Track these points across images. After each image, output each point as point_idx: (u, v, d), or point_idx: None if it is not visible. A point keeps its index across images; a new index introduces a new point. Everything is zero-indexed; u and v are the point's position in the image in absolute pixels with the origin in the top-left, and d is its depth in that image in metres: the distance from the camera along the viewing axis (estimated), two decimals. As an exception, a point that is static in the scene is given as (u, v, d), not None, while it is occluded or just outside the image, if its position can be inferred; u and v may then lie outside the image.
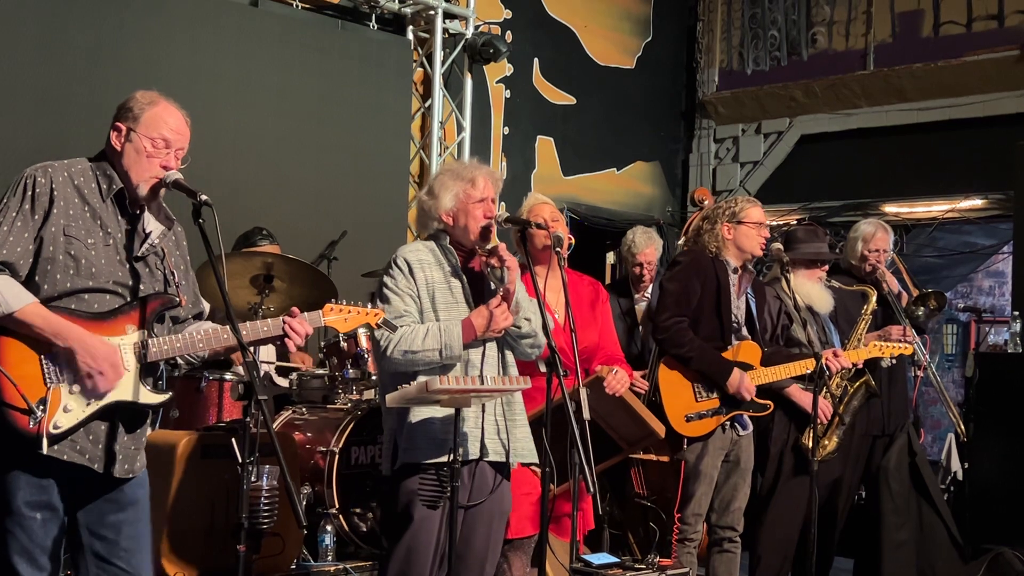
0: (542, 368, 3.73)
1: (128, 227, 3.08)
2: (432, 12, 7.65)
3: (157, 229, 3.12)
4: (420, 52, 7.84)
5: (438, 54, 7.73)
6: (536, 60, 8.65)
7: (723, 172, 9.64)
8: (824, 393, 5.07)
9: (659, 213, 9.51)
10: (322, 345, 5.51)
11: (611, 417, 4.46)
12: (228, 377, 4.98)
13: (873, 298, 5.46)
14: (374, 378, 5.29)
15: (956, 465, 7.07)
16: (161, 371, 3.16)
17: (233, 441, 3.26)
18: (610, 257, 9.49)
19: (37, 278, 2.93)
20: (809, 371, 4.83)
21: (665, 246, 6.36)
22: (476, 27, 7.94)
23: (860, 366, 5.28)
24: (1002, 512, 5.44)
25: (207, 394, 4.94)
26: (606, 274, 9.31)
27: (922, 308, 5.85)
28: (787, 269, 5.11)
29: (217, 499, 4.38)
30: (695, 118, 9.84)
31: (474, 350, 3.69)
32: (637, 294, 6.11)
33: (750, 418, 4.93)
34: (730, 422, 4.84)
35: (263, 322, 3.16)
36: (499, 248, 3.68)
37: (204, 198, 3.01)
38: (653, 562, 4.20)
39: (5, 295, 2.84)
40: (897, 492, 5.51)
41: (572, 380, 3.70)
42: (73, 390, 2.91)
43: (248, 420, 3.29)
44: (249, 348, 3.01)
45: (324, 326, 3.27)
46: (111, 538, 3.04)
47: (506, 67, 8.37)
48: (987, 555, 5.20)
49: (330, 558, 4.84)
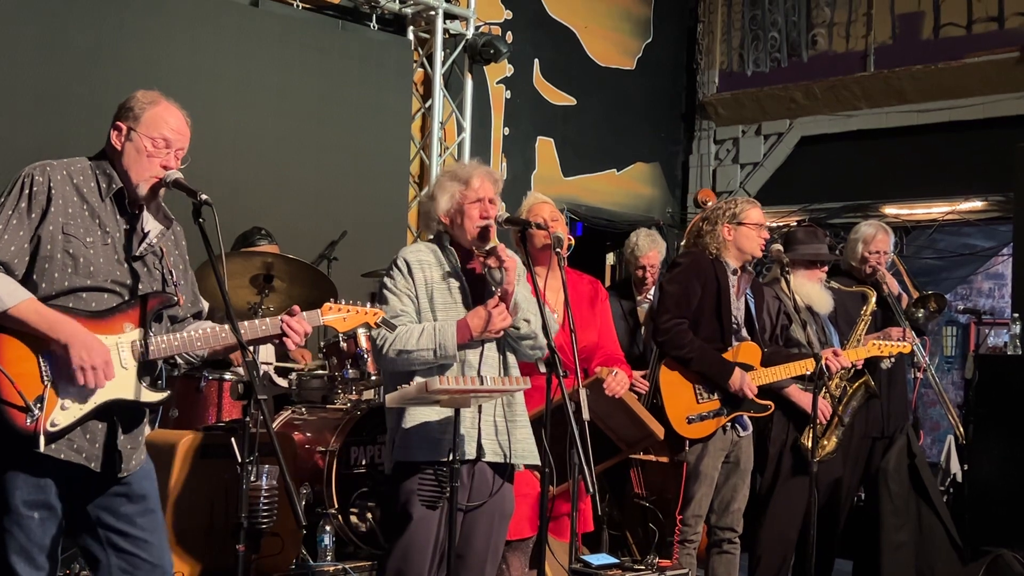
0: (542, 369, 3.73)
1: (127, 226, 3.07)
2: (432, 12, 7.65)
3: (156, 228, 3.12)
4: (420, 52, 7.84)
5: (438, 54, 7.73)
6: (536, 61, 8.65)
7: (723, 173, 9.64)
8: (824, 393, 5.08)
9: (659, 214, 9.51)
10: (322, 345, 5.51)
11: (610, 418, 4.45)
12: (227, 377, 4.98)
13: (873, 299, 5.46)
14: (374, 378, 5.29)
15: (955, 467, 7.07)
16: (160, 370, 3.15)
17: (233, 441, 3.26)
18: (610, 258, 9.50)
19: (35, 277, 2.93)
20: (809, 371, 4.83)
21: (666, 247, 6.35)
22: (476, 27, 7.94)
23: (860, 366, 5.28)
24: (1001, 514, 5.43)
25: (206, 394, 4.95)
26: (606, 275, 9.32)
27: (922, 310, 5.85)
28: (787, 270, 5.10)
29: (216, 499, 4.39)
30: (695, 119, 9.84)
31: (472, 351, 3.69)
32: (639, 296, 6.10)
33: (751, 419, 4.93)
34: (731, 423, 4.84)
35: (262, 321, 3.16)
36: (497, 248, 3.68)
37: (204, 197, 3.02)
38: (652, 563, 4.20)
39: (0, 292, 2.84)
40: (896, 494, 5.51)
41: (572, 380, 3.70)
42: (70, 388, 2.90)
43: (248, 420, 3.29)
44: (248, 347, 3.01)
45: (323, 326, 3.27)
46: (127, 531, 3.04)
47: (506, 68, 8.37)
48: (986, 557, 5.19)
49: (329, 558, 4.84)
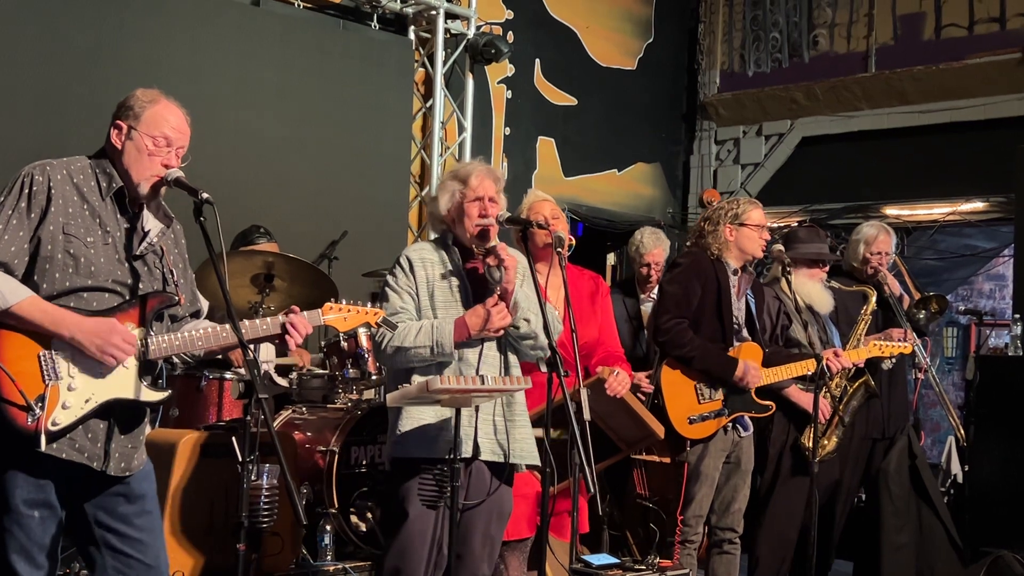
0: (543, 368, 3.73)
1: (127, 225, 3.07)
2: (434, 12, 7.65)
3: (156, 227, 3.12)
4: (421, 52, 7.84)
5: (439, 54, 7.72)
6: (537, 61, 8.65)
7: (724, 174, 9.64)
8: (824, 393, 5.07)
9: (660, 214, 9.50)
10: (322, 345, 5.51)
11: (611, 418, 4.45)
12: (228, 376, 4.98)
13: (873, 299, 5.45)
14: (374, 378, 5.29)
15: (956, 468, 7.07)
16: (160, 369, 3.15)
17: (233, 440, 3.26)
18: (611, 258, 9.49)
19: (36, 277, 2.92)
20: (810, 372, 4.83)
21: (670, 246, 6.35)
22: (478, 27, 7.94)
23: (861, 366, 5.28)
24: (1002, 515, 5.43)
25: (207, 393, 4.94)
26: (607, 275, 9.31)
27: (923, 311, 5.85)
28: (788, 270, 5.10)
29: (217, 498, 4.38)
30: (696, 120, 9.83)
31: (471, 349, 3.70)
32: (643, 295, 6.08)
33: (751, 419, 4.92)
34: (732, 423, 4.83)
35: (262, 320, 3.16)
36: (496, 248, 3.69)
37: (205, 196, 3.01)
38: (653, 563, 4.20)
39: (2, 290, 2.83)
40: (897, 495, 5.50)
41: (573, 380, 3.69)
42: (73, 386, 2.90)
43: (248, 419, 3.28)
44: (249, 347, 3.01)
45: (324, 325, 3.27)
46: (124, 531, 3.04)
47: (507, 68, 8.37)
48: (987, 558, 5.19)
49: (329, 558, 4.83)
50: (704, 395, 4.77)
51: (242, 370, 4.96)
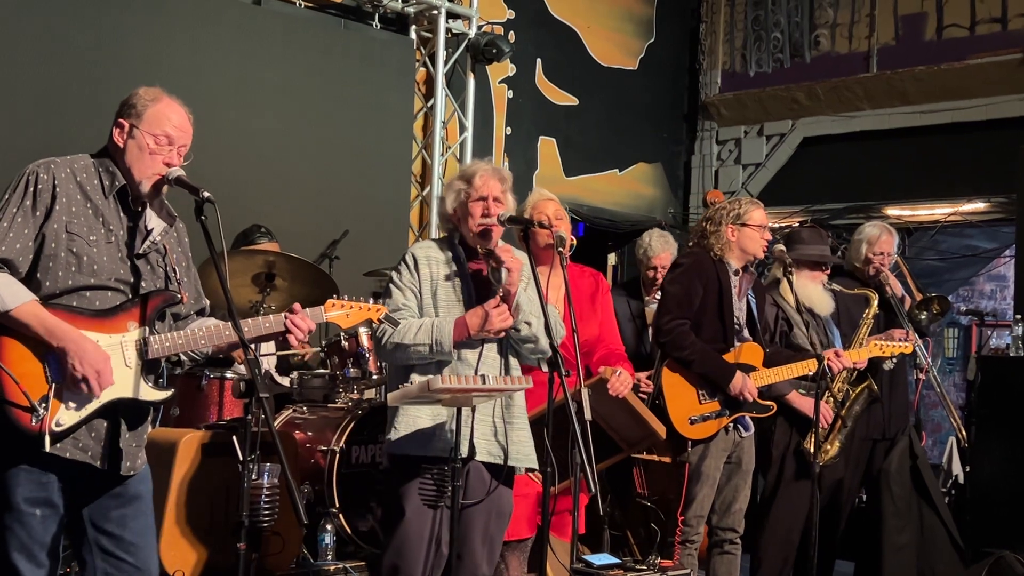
0: (544, 368, 3.73)
1: (130, 224, 3.07)
2: (435, 12, 7.64)
3: (159, 226, 3.12)
4: (423, 52, 7.83)
5: (441, 54, 7.72)
6: (539, 60, 8.64)
7: (725, 174, 9.63)
8: (826, 397, 5.07)
9: (661, 215, 9.49)
10: (323, 344, 5.51)
11: (612, 418, 4.45)
12: (229, 375, 4.98)
13: (875, 302, 5.44)
14: (375, 377, 5.29)
15: (957, 468, 7.06)
16: (162, 368, 3.15)
17: (234, 439, 3.26)
18: (611, 258, 9.48)
19: (39, 275, 2.92)
20: (811, 372, 4.82)
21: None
22: (479, 27, 7.93)
23: (863, 367, 5.27)
24: (1003, 515, 5.43)
25: (208, 392, 4.94)
26: (607, 275, 9.30)
27: (925, 312, 5.84)
28: (790, 271, 5.09)
29: (217, 497, 4.38)
30: (697, 120, 9.82)
31: (470, 350, 3.70)
32: (648, 297, 6.07)
33: (753, 419, 4.92)
34: (733, 424, 4.83)
35: (265, 318, 3.15)
36: (496, 249, 3.69)
37: (207, 195, 3.01)
38: (654, 563, 4.19)
39: (2, 293, 2.83)
40: (898, 495, 5.50)
41: (574, 379, 3.69)
42: (66, 391, 2.89)
43: (249, 418, 3.28)
44: (251, 345, 3.00)
45: (326, 322, 3.27)
46: (116, 533, 3.03)
47: (509, 67, 8.36)
48: (988, 558, 5.19)
49: (330, 557, 4.83)
50: (705, 396, 4.77)
51: (243, 369, 4.96)
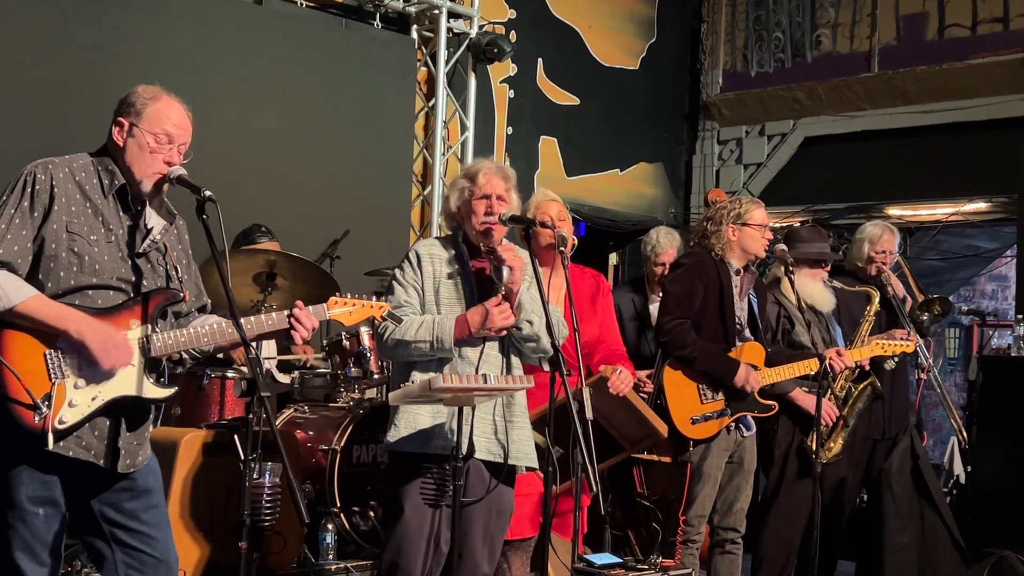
0: (545, 367, 3.73)
1: (130, 223, 3.07)
2: (436, 11, 7.64)
3: (159, 224, 3.11)
4: (424, 51, 7.83)
5: (442, 53, 7.71)
6: (540, 60, 8.64)
7: (726, 174, 9.62)
8: (828, 395, 5.06)
9: (662, 214, 9.48)
10: (324, 343, 5.51)
11: (613, 416, 4.44)
12: (230, 375, 4.98)
13: (876, 299, 5.44)
14: (376, 376, 5.29)
15: (959, 468, 7.05)
16: (163, 367, 3.15)
17: (236, 438, 3.25)
18: (613, 258, 9.48)
19: (40, 276, 2.92)
20: (813, 371, 4.82)
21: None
22: (480, 27, 7.92)
23: (865, 366, 5.26)
24: (1004, 515, 5.43)
25: (209, 391, 4.94)
26: (609, 275, 9.30)
27: (927, 313, 5.84)
28: (791, 270, 5.09)
29: (219, 497, 4.38)
30: (699, 119, 9.81)
31: (471, 348, 3.70)
32: (653, 294, 6.06)
33: (754, 419, 4.92)
34: (735, 423, 4.83)
35: (268, 316, 3.15)
36: (498, 248, 3.69)
37: (208, 194, 3.01)
38: (655, 562, 4.19)
39: (5, 289, 2.83)
40: (899, 495, 5.50)
41: (575, 379, 3.69)
42: (79, 384, 2.89)
43: (251, 417, 3.28)
44: (252, 344, 3.00)
45: (328, 320, 3.26)
46: (132, 526, 3.04)
47: (510, 67, 8.35)
48: (989, 559, 5.18)
49: (331, 557, 4.83)
50: (707, 395, 4.77)
51: (244, 368, 4.96)
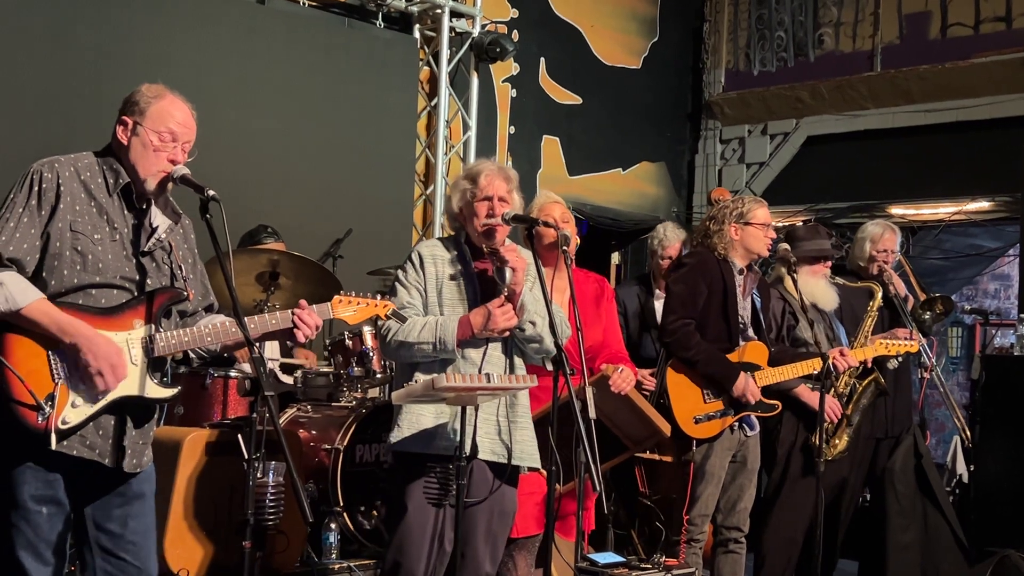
0: (548, 367, 3.73)
1: (135, 222, 3.07)
2: (439, 11, 7.64)
3: (164, 223, 3.11)
4: (426, 51, 7.83)
5: (444, 53, 7.72)
6: (542, 60, 8.63)
7: (729, 173, 9.62)
8: (832, 392, 5.06)
9: (665, 214, 9.48)
10: (327, 343, 5.51)
11: (616, 416, 4.44)
12: (233, 374, 4.98)
13: (879, 294, 5.44)
14: (379, 376, 5.29)
15: (961, 467, 7.06)
16: (167, 367, 3.15)
17: (239, 437, 3.25)
18: (615, 257, 9.48)
19: (44, 274, 2.92)
20: (816, 371, 4.82)
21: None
22: (483, 26, 7.92)
23: (869, 365, 5.26)
24: (1008, 514, 5.43)
25: (212, 391, 4.95)
26: (611, 275, 9.30)
27: (929, 312, 5.83)
28: (794, 269, 5.09)
29: (222, 496, 4.38)
30: (701, 119, 9.81)
31: (474, 349, 3.70)
32: (658, 289, 6.04)
33: (758, 418, 4.91)
34: (738, 423, 4.83)
35: (271, 315, 3.15)
36: (501, 248, 3.69)
37: (212, 193, 3.01)
38: (659, 562, 4.19)
39: (12, 291, 2.83)
40: (902, 494, 5.50)
41: (578, 379, 3.69)
42: (81, 386, 2.89)
43: (254, 416, 3.28)
44: (256, 343, 3.00)
45: (332, 318, 3.26)
46: (117, 532, 3.03)
47: (512, 66, 8.35)
48: (992, 557, 5.19)
49: (334, 556, 4.84)
50: (710, 395, 4.77)
51: (247, 367, 4.96)
